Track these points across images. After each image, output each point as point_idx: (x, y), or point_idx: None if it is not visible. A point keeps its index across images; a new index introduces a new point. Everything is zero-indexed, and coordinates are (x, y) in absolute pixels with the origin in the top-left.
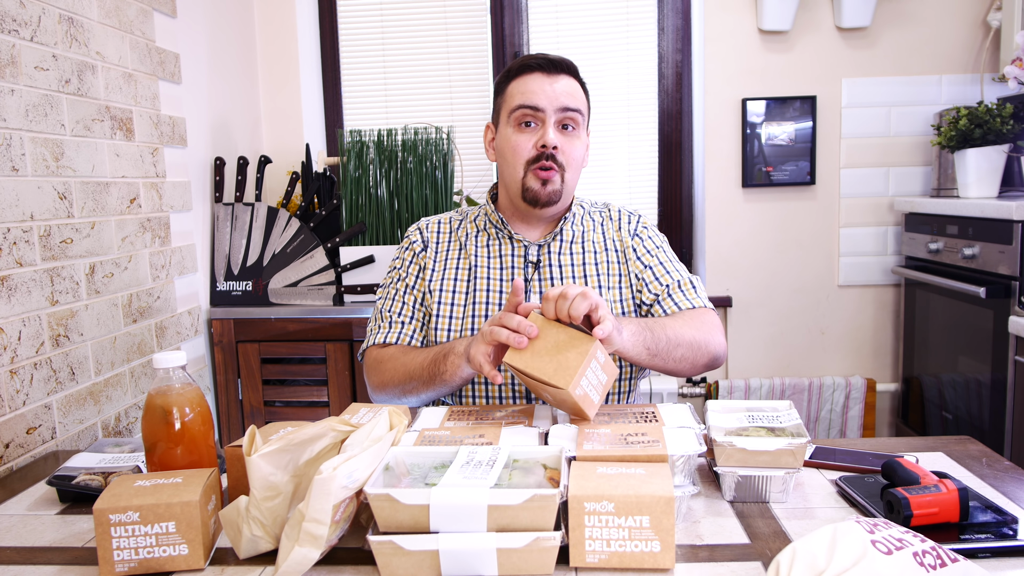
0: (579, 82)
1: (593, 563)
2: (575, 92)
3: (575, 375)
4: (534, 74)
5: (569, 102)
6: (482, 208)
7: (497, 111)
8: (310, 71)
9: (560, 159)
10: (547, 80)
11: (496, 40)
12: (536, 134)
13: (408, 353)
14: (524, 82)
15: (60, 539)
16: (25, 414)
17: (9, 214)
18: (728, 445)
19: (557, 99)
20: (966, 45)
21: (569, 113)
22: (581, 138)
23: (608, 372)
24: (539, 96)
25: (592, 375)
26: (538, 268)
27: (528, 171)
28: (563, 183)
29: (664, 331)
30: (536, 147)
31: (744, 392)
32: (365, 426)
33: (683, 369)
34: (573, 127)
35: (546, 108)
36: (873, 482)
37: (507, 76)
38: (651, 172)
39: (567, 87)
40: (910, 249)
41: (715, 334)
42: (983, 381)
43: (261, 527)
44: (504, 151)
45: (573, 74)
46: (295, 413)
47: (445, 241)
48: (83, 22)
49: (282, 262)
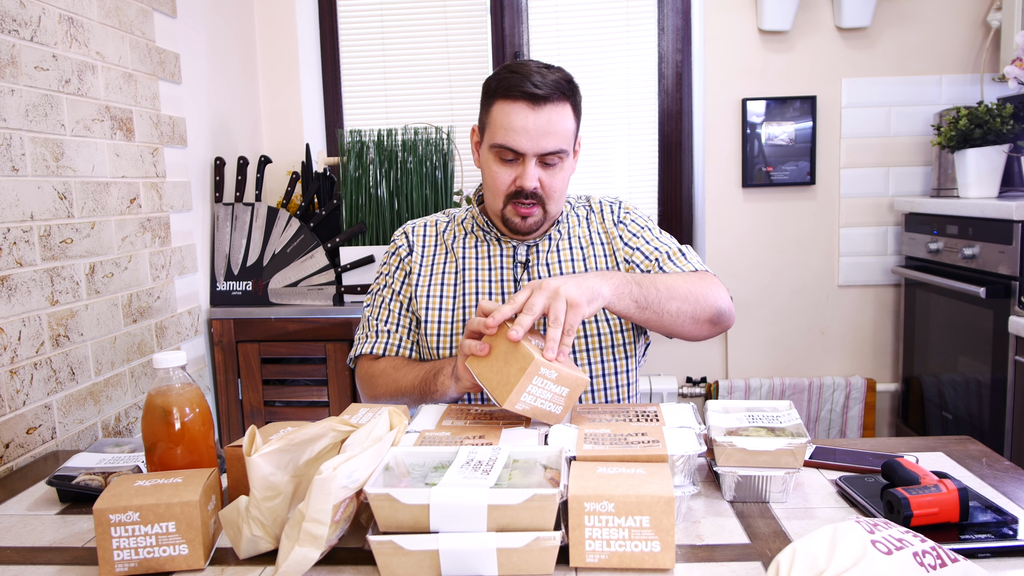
0: (571, 101)
1: (593, 563)
2: (560, 124)
3: (511, 392)
4: (517, 104)
5: (550, 145)
6: (469, 210)
7: (482, 125)
8: (310, 71)
9: (541, 194)
10: (531, 116)
11: (496, 40)
12: (516, 170)
13: (400, 369)
14: (506, 114)
15: (60, 539)
16: (25, 414)
17: (9, 214)
18: (728, 445)
19: (538, 143)
20: (966, 45)
21: (551, 155)
22: (565, 168)
23: (568, 384)
24: (520, 138)
25: (539, 390)
26: (527, 268)
27: (508, 204)
28: (545, 213)
29: (654, 284)
30: (515, 184)
31: (744, 392)
32: (365, 426)
33: (683, 325)
34: (557, 161)
35: (527, 151)
36: (873, 482)
37: (491, 93)
38: (651, 172)
39: (552, 122)
40: (910, 249)
41: (715, 288)
42: (983, 381)
43: (261, 527)
44: (485, 176)
45: (563, 94)
46: (295, 413)
47: (431, 244)
48: (83, 22)
49: (282, 262)
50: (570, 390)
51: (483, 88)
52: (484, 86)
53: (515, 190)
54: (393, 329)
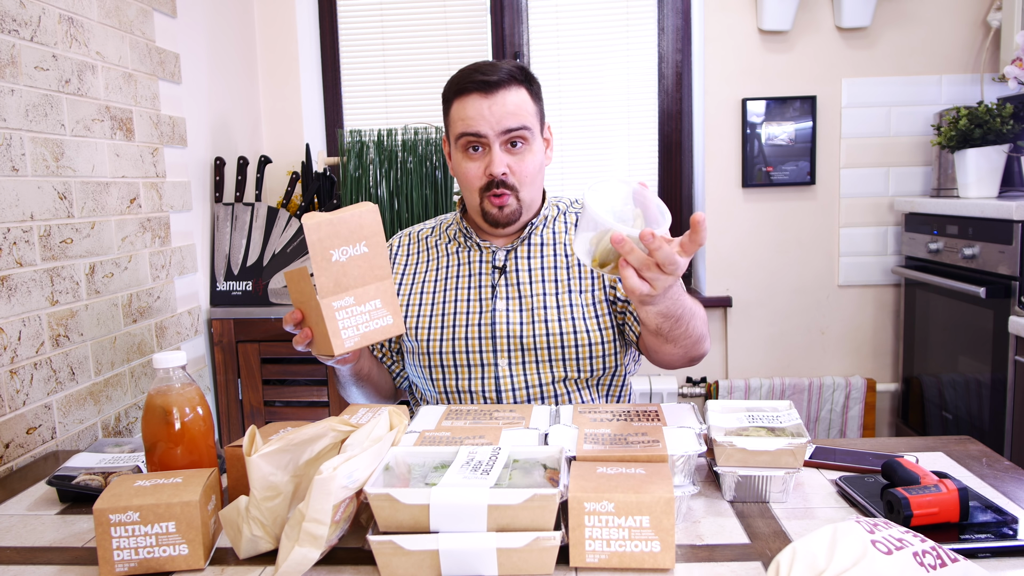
0: (526, 86)
1: (593, 563)
2: (519, 106)
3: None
4: (471, 96)
5: (511, 122)
6: (454, 216)
7: (447, 131)
8: (310, 71)
9: (512, 181)
10: (485, 102)
11: (496, 40)
12: (484, 160)
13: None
14: (463, 106)
15: (60, 539)
16: (25, 414)
17: (9, 214)
18: (728, 445)
19: (498, 123)
20: (966, 45)
21: (513, 133)
22: (534, 150)
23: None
24: (479, 122)
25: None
26: (504, 273)
27: (483, 197)
28: (519, 201)
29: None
30: (486, 174)
31: (744, 392)
32: (365, 426)
33: (674, 353)
34: (522, 143)
35: (488, 134)
36: (873, 482)
37: (448, 97)
38: (651, 172)
39: (508, 104)
40: (910, 249)
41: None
42: (983, 381)
43: (261, 527)
44: (458, 175)
45: (516, 80)
46: (295, 413)
47: (415, 252)
48: (83, 22)
49: (282, 262)
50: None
51: (442, 97)
52: (442, 94)
53: (487, 181)
54: None
